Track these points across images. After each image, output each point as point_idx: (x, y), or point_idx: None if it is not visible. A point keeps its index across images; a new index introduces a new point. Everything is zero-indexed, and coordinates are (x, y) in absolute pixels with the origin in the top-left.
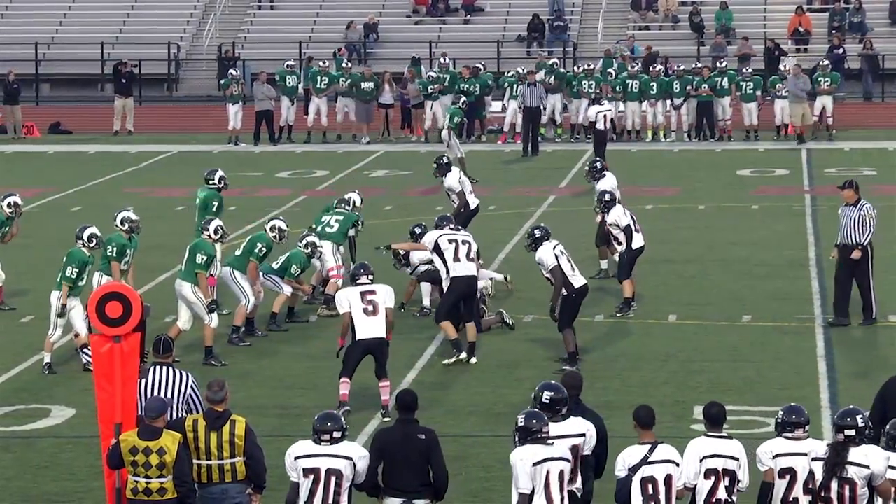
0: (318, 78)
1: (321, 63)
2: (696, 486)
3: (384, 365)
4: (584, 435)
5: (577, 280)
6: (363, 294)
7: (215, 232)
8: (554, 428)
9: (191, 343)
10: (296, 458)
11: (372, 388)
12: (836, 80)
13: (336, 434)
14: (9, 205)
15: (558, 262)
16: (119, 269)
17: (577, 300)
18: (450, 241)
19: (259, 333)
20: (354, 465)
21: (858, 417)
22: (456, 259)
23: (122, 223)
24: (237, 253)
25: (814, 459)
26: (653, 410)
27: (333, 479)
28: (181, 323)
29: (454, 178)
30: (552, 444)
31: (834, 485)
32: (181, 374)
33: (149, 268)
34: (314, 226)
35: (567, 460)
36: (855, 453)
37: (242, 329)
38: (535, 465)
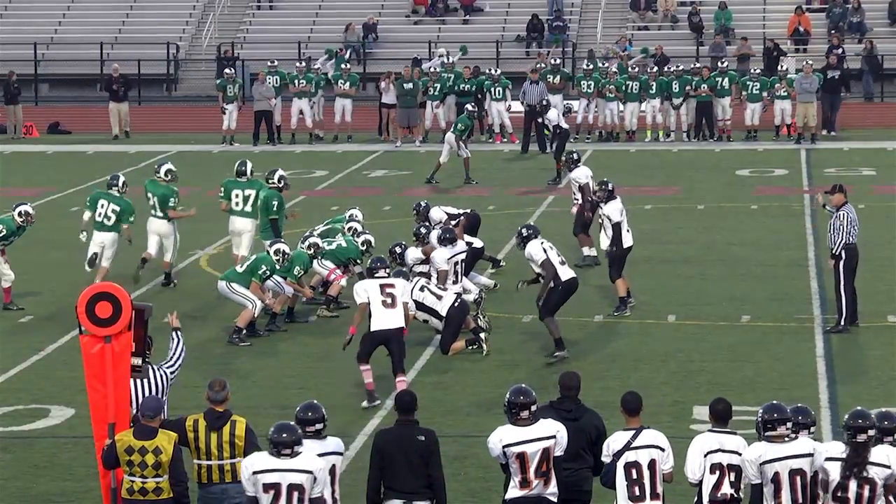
0: (297, 81)
1: (297, 64)
2: (700, 480)
3: (402, 360)
4: (553, 437)
5: (565, 273)
6: (383, 287)
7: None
8: (524, 431)
9: (199, 343)
10: (254, 473)
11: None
12: (791, 83)
13: (296, 447)
14: (20, 213)
15: (547, 255)
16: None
17: (563, 293)
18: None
19: (261, 333)
20: (315, 478)
21: (872, 418)
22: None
23: (166, 175)
24: (238, 269)
25: (828, 459)
26: (639, 396)
27: (295, 493)
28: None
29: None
30: (325, 438)
31: (853, 485)
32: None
33: (148, 268)
34: (321, 227)
35: (339, 454)
36: (876, 453)
37: (244, 331)
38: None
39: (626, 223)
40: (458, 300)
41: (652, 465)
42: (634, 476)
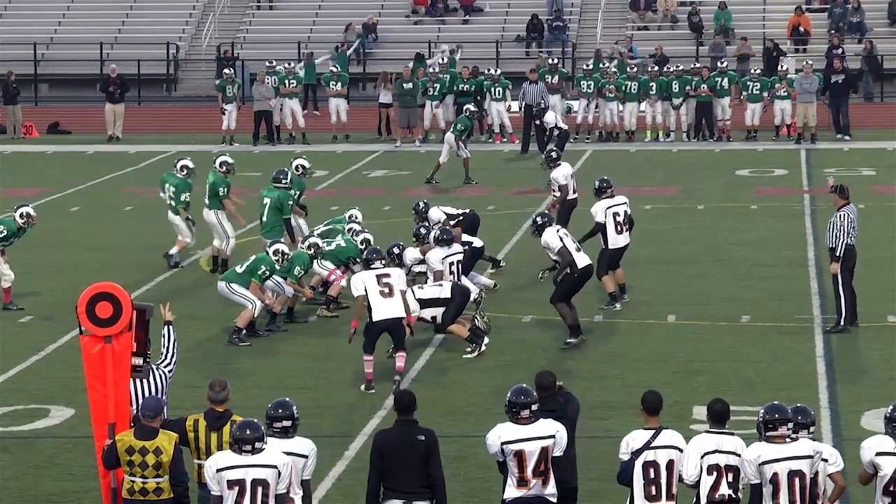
0: (287, 81)
1: (286, 65)
2: (698, 482)
3: (402, 340)
4: (553, 437)
5: (581, 260)
6: (379, 277)
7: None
8: (523, 429)
9: (199, 343)
10: (218, 470)
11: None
12: (791, 83)
13: (258, 444)
14: (21, 215)
15: (563, 243)
16: (231, 203)
17: (579, 279)
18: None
19: (260, 333)
20: (279, 473)
21: None
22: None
23: (221, 166)
24: (238, 269)
25: (880, 454)
26: (660, 396)
27: (260, 489)
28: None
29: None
30: (293, 437)
31: None
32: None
33: (149, 268)
34: (323, 227)
35: (302, 455)
36: None
37: (244, 331)
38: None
39: (614, 223)
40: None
41: (670, 465)
42: (652, 475)
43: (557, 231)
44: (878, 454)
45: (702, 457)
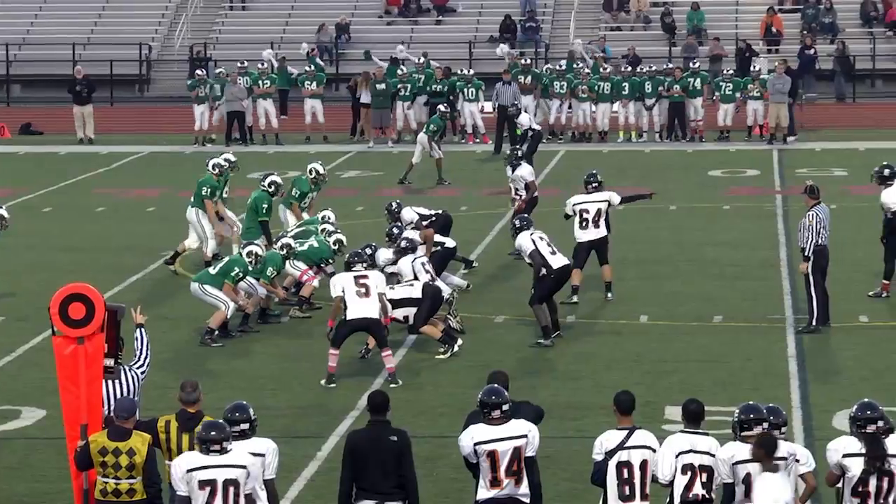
0: (261, 81)
1: (259, 65)
2: (672, 481)
3: (382, 338)
4: (525, 436)
5: (556, 261)
6: (357, 278)
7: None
8: (495, 430)
9: (172, 344)
10: (188, 471)
11: (342, 391)
12: (763, 83)
13: (225, 444)
14: None
15: (536, 246)
16: (212, 206)
17: (555, 280)
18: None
19: (233, 334)
20: (248, 473)
21: (880, 409)
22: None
23: (213, 168)
24: (211, 271)
25: (847, 455)
26: (633, 396)
27: (231, 489)
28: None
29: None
30: (251, 439)
31: (873, 479)
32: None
33: (122, 269)
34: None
35: (259, 455)
36: (892, 445)
37: (217, 332)
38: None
39: (580, 219)
40: (432, 281)
41: (643, 465)
42: (626, 476)
43: (531, 234)
44: (844, 455)
45: (676, 456)
